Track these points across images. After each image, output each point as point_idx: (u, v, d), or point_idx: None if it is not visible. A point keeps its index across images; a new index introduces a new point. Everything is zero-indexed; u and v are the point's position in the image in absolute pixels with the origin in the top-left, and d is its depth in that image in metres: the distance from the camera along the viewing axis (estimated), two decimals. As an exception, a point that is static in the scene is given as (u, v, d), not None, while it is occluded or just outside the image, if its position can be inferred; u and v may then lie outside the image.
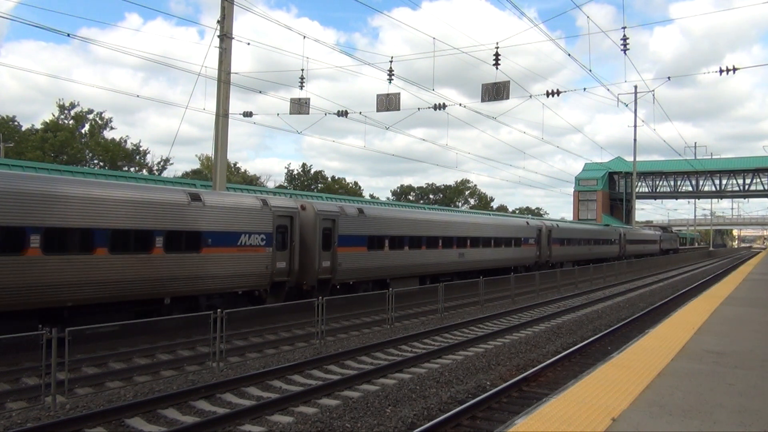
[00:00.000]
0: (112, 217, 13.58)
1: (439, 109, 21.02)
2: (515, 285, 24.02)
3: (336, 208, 20.57)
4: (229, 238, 16.19)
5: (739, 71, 18.20)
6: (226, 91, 20.12)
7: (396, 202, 53.35)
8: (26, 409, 9.02)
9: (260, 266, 17.08)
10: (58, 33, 77.78)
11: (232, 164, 71.94)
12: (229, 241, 16.19)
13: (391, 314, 17.38)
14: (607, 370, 7.80)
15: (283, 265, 17.98)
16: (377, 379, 10.98)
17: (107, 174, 28.28)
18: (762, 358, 8.80)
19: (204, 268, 15.46)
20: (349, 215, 20.71)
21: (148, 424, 8.47)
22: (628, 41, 19.13)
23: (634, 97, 46.14)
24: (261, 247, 17.10)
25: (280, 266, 17.87)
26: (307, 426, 8.10)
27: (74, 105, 56.67)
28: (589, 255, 44.03)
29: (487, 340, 15.23)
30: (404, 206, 43.93)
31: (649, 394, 6.53)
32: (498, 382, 10.56)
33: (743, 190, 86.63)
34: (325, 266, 19.45)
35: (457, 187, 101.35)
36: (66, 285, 12.66)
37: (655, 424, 5.56)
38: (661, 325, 12.01)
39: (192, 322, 13.40)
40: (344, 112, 21.84)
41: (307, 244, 19.05)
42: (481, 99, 18.88)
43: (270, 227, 17.41)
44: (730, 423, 5.66)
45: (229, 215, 16.27)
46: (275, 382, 10.77)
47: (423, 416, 8.60)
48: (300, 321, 16.27)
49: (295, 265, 18.33)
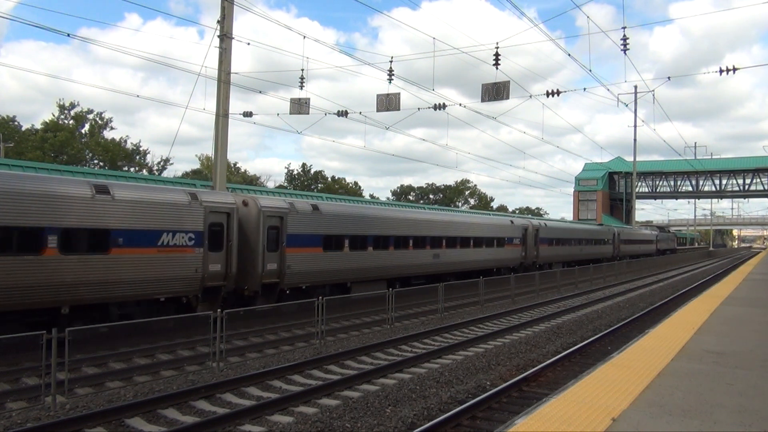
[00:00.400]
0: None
1: (439, 109, 21.02)
2: (515, 285, 24.04)
3: (285, 204, 18.47)
4: (146, 237, 14.19)
5: (739, 71, 18.19)
6: (226, 91, 20.12)
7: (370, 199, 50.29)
8: (26, 409, 9.02)
9: (187, 269, 15.09)
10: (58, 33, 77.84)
11: (232, 164, 71.98)
12: (146, 240, 14.19)
13: (391, 314, 17.39)
14: (607, 370, 7.80)
15: (217, 267, 15.90)
16: (377, 379, 10.98)
17: (107, 174, 28.27)
18: (762, 358, 8.80)
19: (114, 272, 13.49)
20: (300, 212, 18.66)
21: (148, 424, 8.47)
22: (628, 41, 19.14)
23: (634, 97, 46.18)
24: (189, 248, 15.11)
25: (214, 269, 15.82)
26: (307, 426, 8.10)
27: (74, 105, 56.69)
28: (580, 256, 42.57)
29: (487, 340, 15.23)
30: (373, 203, 40.88)
31: (649, 394, 6.53)
32: (498, 382, 10.56)
33: (743, 190, 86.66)
34: (270, 269, 17.31)
35: (457, 187, 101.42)
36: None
37: (655, 424, 5.56)
38: (661, 325, 12.02)
39: (192, 322, 13.40)
40: (344, 112, 21.84)
41: (249, 245, 17.01)
42: (481, 99, 18.89)
43: (201, 225, 15.43)
44: (730, 423, 5.66)
45: (147, 211, 14.30)
46: (275, 382, 10.77)
47: (423, 416, 8.60)
48: (300, 321, 16.28)
49: (232, 267, 16.25)
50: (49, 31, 66.89)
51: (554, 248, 38.65)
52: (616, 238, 51.66)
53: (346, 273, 20.42)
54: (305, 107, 21.30)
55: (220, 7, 19.99)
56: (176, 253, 14.90)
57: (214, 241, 15.87)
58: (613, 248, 50.82)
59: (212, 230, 15.88)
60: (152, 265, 14.35)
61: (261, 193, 26.78)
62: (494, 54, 18.22)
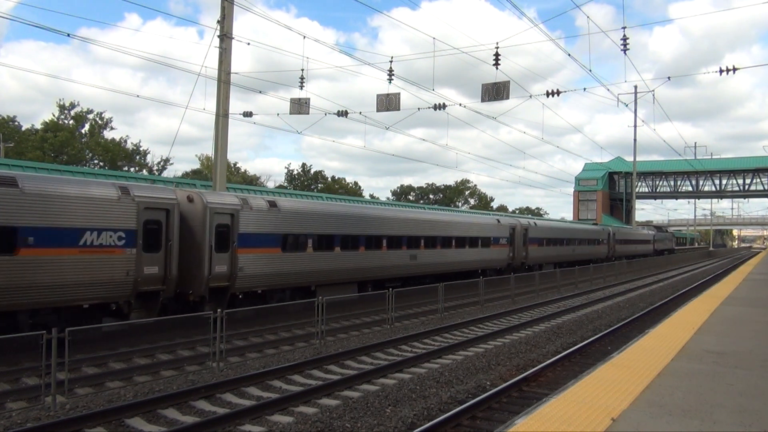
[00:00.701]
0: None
1: (440, 109, 21.04)
2: (515, 285, 24.05)
3: (236, 200, 16.93)
4: (64, 236, 12.66)
5: (739, 71, 18.19)
6: (226, 91, 20.14)
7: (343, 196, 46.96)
8: (26, 409, 9.02)
9: (117, 272, 13.55)
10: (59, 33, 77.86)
11: (232, 164, 72.01)
12: (64, 240, 12.66)
13: (391, 314, 17.39)
14: (607, 370, 7.80)
15: (154, 270, 14.38)
16: (377, 379, 10.98)
17: (107, 174, 28.29)
18: (762, 358, 8.80)
19: (23, 276, 11.96)
20: (255, 209, 17.03)
21: (148, 424, 8.48)
22: (628, 41, 19.15)
23: (634, 97, 46.19)
24: (117, 248, 13.59)
25: (151, 272, 14.28)
26: (307, 426, 8.10)
27: (74, 105, 56.76)
28: (572, 256, 40.73)
29: (487, 340, 15.23)
30: (344, 200, 37.59)
31: (649, 394, 6.53)
32: (498, 382, 10.56)
33: (743, 190, 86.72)
34: (219, 272, 15.76)
35: (458, 187, 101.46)
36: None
37: (655, 424, 5.56)
38: (661, 325, 12.02)
39: (192, 322, 13.39)
40: (344, 112, 21.86)
41: (195, 245, 15.47)
42: (481, 99, 18.90)
43: (133, 223, 13.91)
44: (730, 423, 5.66)
45: (65, 207, 12.78)
46: (275, 382, 10.78)
47: (423, 416, 8.61)
48: (300, 321, 16.28)
49: (172, 270, 14.72)
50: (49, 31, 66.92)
51: (545, 248, 37.08)
52: (611, 238, 50.12)
53: (309, 275, 18.85)
54: (305, 107, 21.31)
55: (220, 7, 20.01)
56: (102, 254, 13.32)
57: (150, 240, 14.37)
58: (608, 248, 49.28)
59: (148, 228, 14.36)
60: (72, 267, 12.79)
61: (259, 193, 26.61)
62: (494, 54, 18.24)
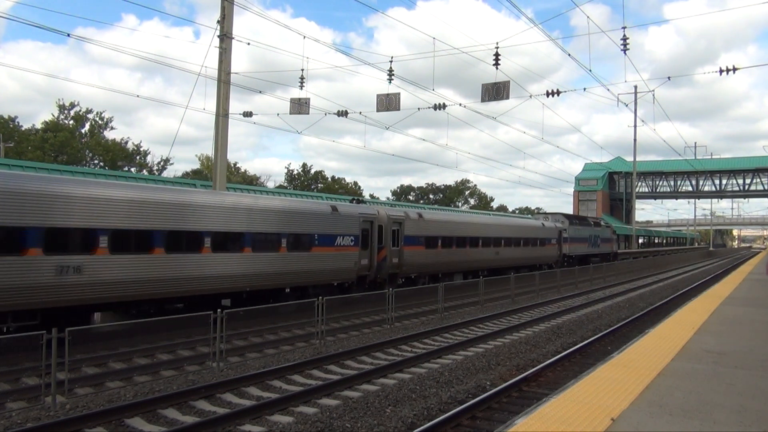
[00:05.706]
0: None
1: (440, 109, 21.04)
2: (515, 285, 24.05)
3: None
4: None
5: (737, 71, 18.16)
6: (226, 91, 20.13)
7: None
8: (26, 409, 9.02)
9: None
10: (57, 33, 77.81)
11: (232, 164, 71.98)
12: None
13: (391, 314, 17.38)
14: (606, 370, 7.80)
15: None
16: (377, 379, 10.98)
17: (107, 174, 28.28)
18: (762, 358, 8.80)
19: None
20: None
21: (148, 424, 8.47)
22: (628, 41, 19.12)
23: (634, 97, 46.08)
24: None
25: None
26: (307, 426, 8.10)
27: (74, 105, 56.67)
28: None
29: (487, 340, 15.23)
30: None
31: (649, 394, 6.53)
32: (498, 382, 10.56)
33: (743, 190, 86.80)
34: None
35: (458, 187, 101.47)
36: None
37: (655, 424, 5.56)
38: (661, 325, 12.02)
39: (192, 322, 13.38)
40: (344, 112, 21.84)
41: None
42: (481, 99, 18.89)
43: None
44: (730, 423, 5.66)
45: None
46: (275, 382, 10.77)
47: (423, 416, 8.60)
48: (300, 321, 16.27)
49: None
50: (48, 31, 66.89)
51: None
52: None
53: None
54: (305, 107, 21.30)
55: (219, 7, 20.01)
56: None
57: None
58: None
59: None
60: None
61: (260, 194, 27.06)
62: (494, 54, 18.23)
